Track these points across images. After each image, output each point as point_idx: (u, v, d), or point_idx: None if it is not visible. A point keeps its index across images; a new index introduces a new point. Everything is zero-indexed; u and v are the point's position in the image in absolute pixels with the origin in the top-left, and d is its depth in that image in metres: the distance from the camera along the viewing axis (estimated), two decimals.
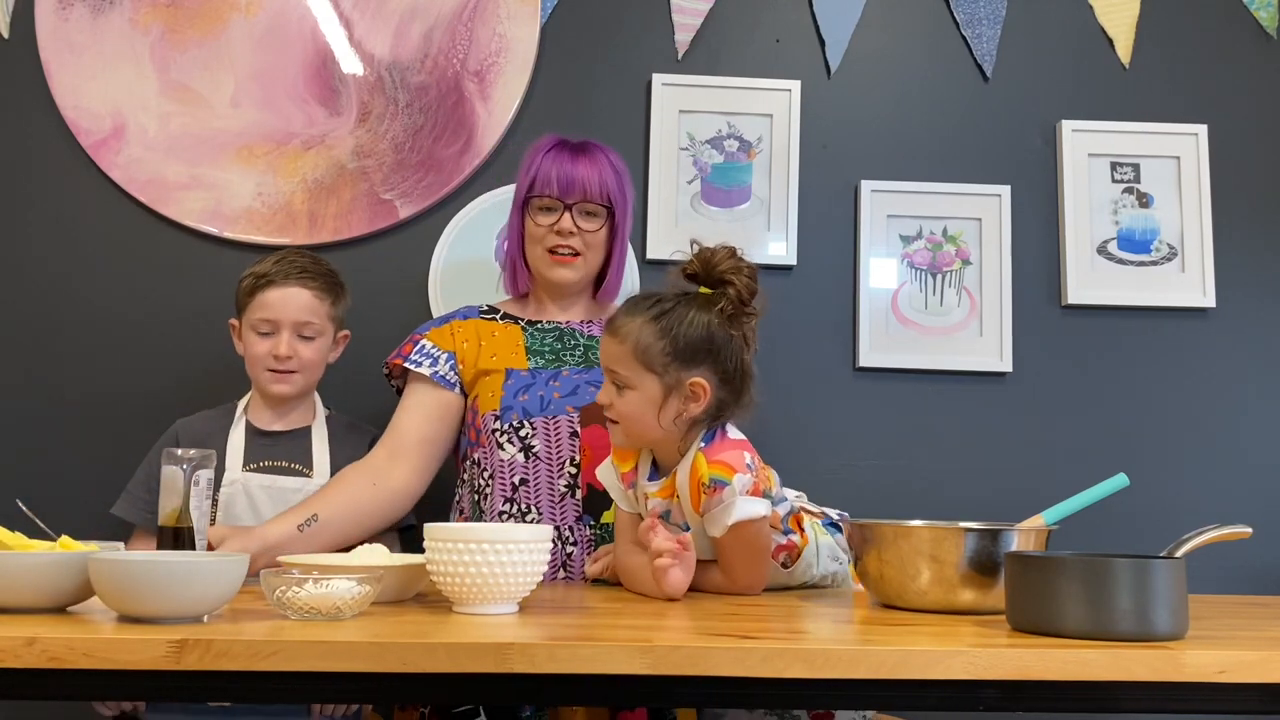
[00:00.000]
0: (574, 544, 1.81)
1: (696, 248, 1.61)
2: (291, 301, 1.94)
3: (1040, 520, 1.45)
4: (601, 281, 2.00)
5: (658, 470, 1.65)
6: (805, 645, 1.11)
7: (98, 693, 1.12)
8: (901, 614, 1.40)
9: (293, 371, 1.95)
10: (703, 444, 1.57)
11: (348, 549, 1.83)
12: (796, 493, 1.80)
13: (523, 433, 1.83)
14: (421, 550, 1.35)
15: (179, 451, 1.55)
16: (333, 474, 1.94)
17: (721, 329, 1.57)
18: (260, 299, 1.94)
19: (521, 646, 1.08)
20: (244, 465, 1.94)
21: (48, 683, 1.09)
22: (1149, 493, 2.26)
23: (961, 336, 2.37)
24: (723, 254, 1.59)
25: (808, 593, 1.67)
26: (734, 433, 1.62)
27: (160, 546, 1.53)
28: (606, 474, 1.71)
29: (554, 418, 1.84)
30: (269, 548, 1.65)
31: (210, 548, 1.58)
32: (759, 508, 1.53)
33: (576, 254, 1.91)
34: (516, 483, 1.83)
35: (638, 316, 1.58)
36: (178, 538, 1.52)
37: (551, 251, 1.91)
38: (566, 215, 1.89)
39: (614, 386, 1.60)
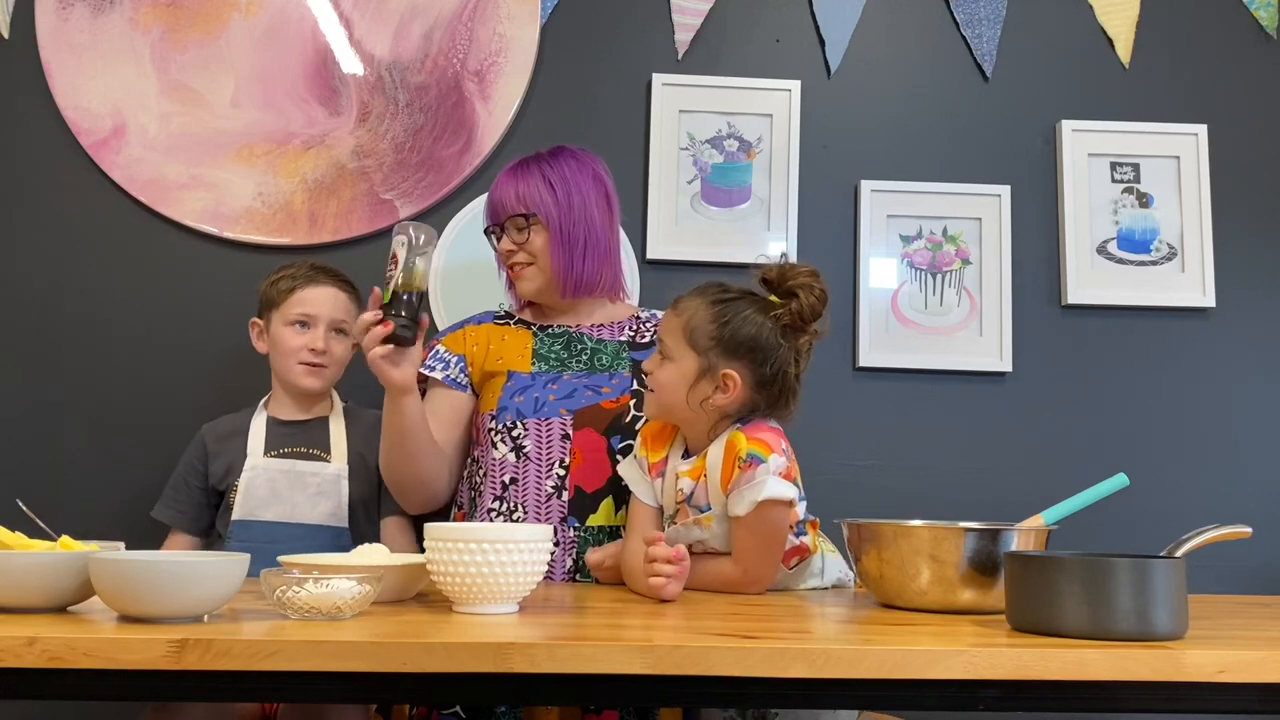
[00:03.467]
0: (556, 544, 1.81)
1: (784, 259, 1.67)
2: (330, 299, 2.03)
3: (1040, 520, 1.45)
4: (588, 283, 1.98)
5: (688, 455, 1.67)
6: (805, 645, 1.11)
7: (98, 693, 1.12)
8: (901, 614, 1.40)
9: (325, 366, 2.01)
10: (740, 425, 1.62)
11: (355, 537, 1.88)
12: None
13: (515, 433, 1.85)
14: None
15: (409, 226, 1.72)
16: (350, 459, 2.01)
17: (772, 335, 1.62)
18: (299, 295, 2.02)
19: (521, 646, 1.08)
20: (265, 452, 1.99)
21: (48, 683, 1.09)
22: (1149, 493, 2.26)
23: (961, 336, 2.37)
24: (803, 270, 1.64)
25: (808, 592, 1.68)
26: (771, 422, 1.66)
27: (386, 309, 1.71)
28: (629, 468, 1.74)
29: (547, 419, 1.85)
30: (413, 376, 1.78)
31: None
32: (788, 490, 1.56)
33: (527, 265, 1.95)
34: (506, 481, 1.84)
35: (701, 297, 1.65)
36: (410, 304, 1.71)
37: (510, 269, 1.98)
38: (504, 236, 1.96)
39: (659, 355, 1.66)
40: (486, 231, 2.02)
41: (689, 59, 2.40)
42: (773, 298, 1.64)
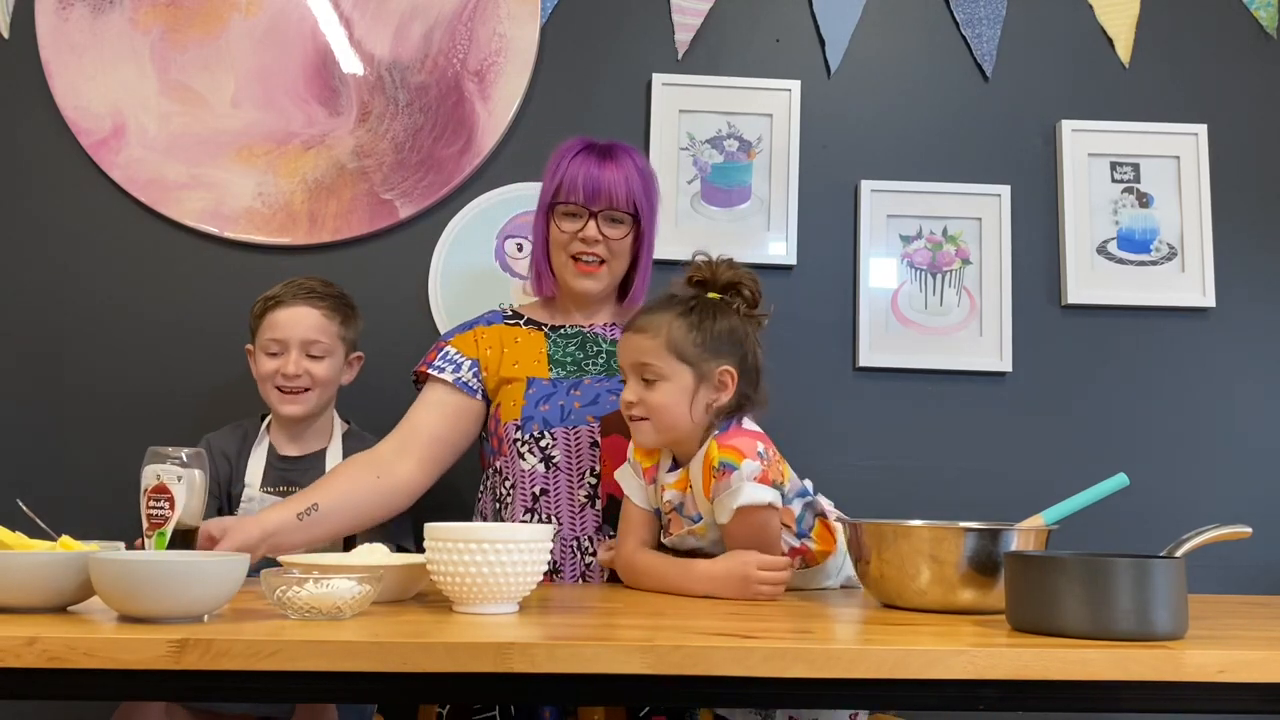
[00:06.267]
0: (593, 554, 1.80)
1: (701, 257, 1.70)
2: (300, 321, 1.96)
3: (1040, 520, 1.45)
4: (628, 287, 1.97)
5: (677, 465, 1.67)
6: (806, 645, 1.11)
7: (98, 692, 1.12)
8: (901, 614, 1.40)
9: (304, 390, 1.96)
10: (718, 432, 1.61)
11: (347, 540, 1.85)
12: (830, 502, 1.81)
13: (543, 443, 1.82)
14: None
15: (170, 450, 1.52)
16: None
17: (740, 325, 1.65)
18: (269, 320, 1.97)
19: (522, 646, 1.08)
20: (262, 485, 1.97)
21: (48, 683, 1.09)
22: (1149, 493, 2.26)
23: (961, 336, 2.37)
24: (723, 264, 1.69)
25: (808, 593, 1.68)
26: (749, 424, 1.65)
27: (173, 546, 1.50)
28: (624, 474, 1.73)
29: (574, 428, 1.83)
30: (267, 534, 1.63)
31: (210, 541, 1.57)
32: (765, 495, 1.55)
33: (601, 262, 1.89)
34: (537, 493, 1.82)
35: (665, 313, 1.64)
36: (187, 538, 1.51)
37: (575, 259, 1.89)
38: (591, 223, 1.87)
39: (642, 382, 1.63)
40: (555, 205, 1.89)
41: (689, 59, 2.40)
42: (711, 294, 1.66)
